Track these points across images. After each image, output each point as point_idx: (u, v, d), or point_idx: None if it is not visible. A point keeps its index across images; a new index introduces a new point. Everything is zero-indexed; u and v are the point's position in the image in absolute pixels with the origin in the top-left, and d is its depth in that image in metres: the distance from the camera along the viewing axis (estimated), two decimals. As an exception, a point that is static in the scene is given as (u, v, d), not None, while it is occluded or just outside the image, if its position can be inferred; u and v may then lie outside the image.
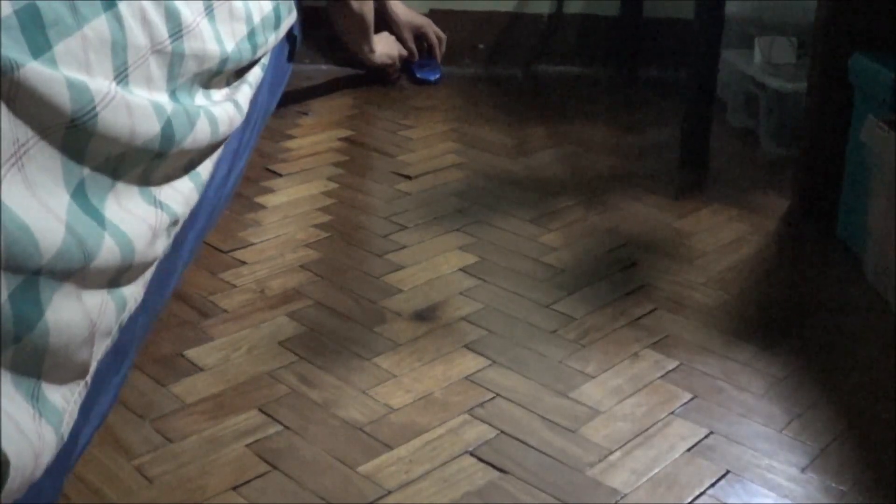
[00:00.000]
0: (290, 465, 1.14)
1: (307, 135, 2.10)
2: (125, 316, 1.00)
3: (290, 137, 2.08)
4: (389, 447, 1.17)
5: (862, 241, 1.60)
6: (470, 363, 1.34)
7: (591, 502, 1.10)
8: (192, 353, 1.34)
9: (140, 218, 1.02)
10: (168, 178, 1.13)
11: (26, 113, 0.83)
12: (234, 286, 1.51)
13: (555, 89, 2.44)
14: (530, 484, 1.12)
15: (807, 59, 1.85)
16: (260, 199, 1.79)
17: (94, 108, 0.91)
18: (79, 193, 0.91)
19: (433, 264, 1.59)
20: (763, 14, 2.22)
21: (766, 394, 1.30)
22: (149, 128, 1.02)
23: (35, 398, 0.81)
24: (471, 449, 1.18)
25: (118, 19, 1.01)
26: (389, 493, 1.10)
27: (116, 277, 0.96)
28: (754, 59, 2.13)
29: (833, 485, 1.14)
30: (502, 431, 1.21)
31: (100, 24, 0.97)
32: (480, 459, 1.16)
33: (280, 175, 1.90)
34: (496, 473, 1.14)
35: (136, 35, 1.05)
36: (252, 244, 1.63)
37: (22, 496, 0.79)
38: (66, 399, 0.87)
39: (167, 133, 1.07)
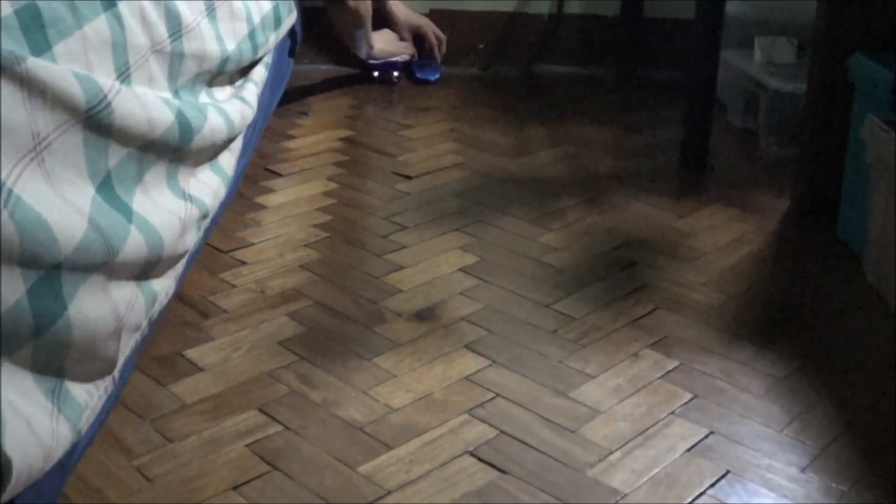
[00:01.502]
0: (290, 465, 1.14)
1: (307, 135, 2.10)
2: (155, 310, 1.00)
3: (290, 137, 2.08)
4: (389, 447, 1.17)
5: (862, 241, 1.60)
6: (470, 363, 1.34)
7: (591, 502, 1.10)
8: (192, 353, 1.34)
9: (169, 210, 1.02)
10: (195, 172, 1.14)
11: (40, 106, 0.83)
12: (234, 286, 1.51)
13: (555, 89, 2.44)
14: (530, 484, 1.12)
15: (807, 59, 1.85)
16: (260, 199, 1.79)
17: (105, 97, 0.91)
18: (105, 187, 0.91)
19: (433, 264, 1.59)
20: (763, 14, 2.22)
21: (766, 394, 1.30)
22: (164, 118, 1.02)
23: (56, 394, 0.81)
24: (471, 449, 1.18)
25: (118, 19, 1.01)
26: (389, 493, 1.10)
27: (145, 271, 0.96)
28: (754, 59, 2.13)
29: (833, 485, 1.14)
30: (502, 431, 1.21)
31: (100, 24, 0.97)
32: (480, 459, 1.16)
33: (280, 175, 1.90)
34: (496, 473, 1.14)
35: (136, 35, 1.05)
36: (252, 244, 1.63)
37: (22, 496, 0.79)
38: (90, 394, 0.87)
39: (183, 123, 1.07)
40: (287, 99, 2.15)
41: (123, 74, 1.01)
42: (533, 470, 1.14)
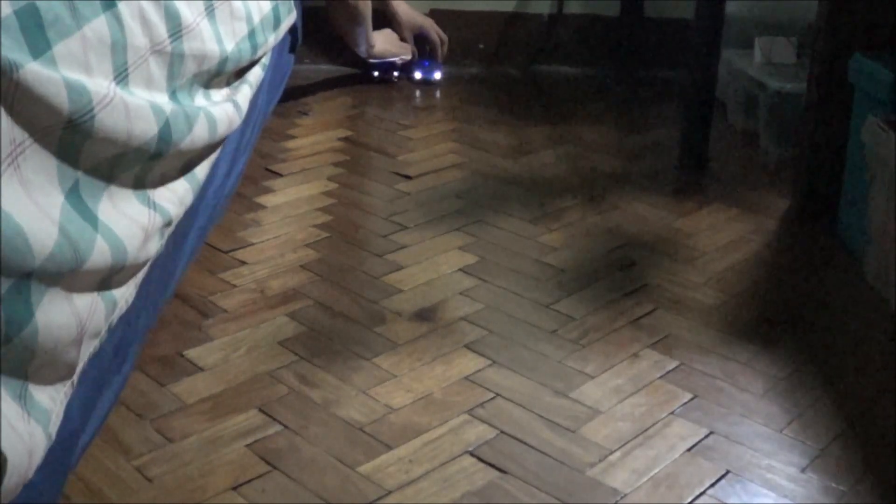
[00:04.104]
0: (290, 465, 1.14)
1: (307, 135, 2.10)
2: (115, 317, 1.00)
3: (290, 137, 2.08)
4: (389, 447, 1.17)
5: (862, 241, 1.60)
6: (470, 363, 1.34)
7: (591, 502, 1.10)
8: (192, 353, 1.34)
9: (133, 219, 1.01)
10: (164, 180, 1.13)
11: (24, 114, 0.82)
12: (234, 286, 1.51)
13: (555, 89, 2.44)
14: (530, 484, 1.12)
15: (807, 59, 1.85)
16: (260, 199, 1.79)
17: (91, 109, 0.91)
18: (73, 194, 0.91)
19: (433, 264, 1.59)
20: (763, 14, 2.22)
21: (766, 394, 1.30)
22: (146, 129, 1.02)
23: (22, 398, 0.81)
24: (471, 449, 1.18)
25: (118, 19, 1.01)
26: (389, 493, 1.10)
27: (107, 279, 0.96)
28: (754, 59, 2.13)
29: (833, 485, 1.14)
30: (502, 431, 1.21)
31: (99, 25, 0.97)
32: (480, 459, 1.16)
33: (280, 175, 1.90)
34: (496, 473, 1.14)
35: (136, 35, 1.05)
36: (252, 244, 1.64)
37: (21, 496, 0.79)
38: (52, 399, 0.87)
39: (164, 134, 1.06)
40: (287, 99, 2.15)
41: (121, 75, 1.00)
42: (533, 470, 1.14)
